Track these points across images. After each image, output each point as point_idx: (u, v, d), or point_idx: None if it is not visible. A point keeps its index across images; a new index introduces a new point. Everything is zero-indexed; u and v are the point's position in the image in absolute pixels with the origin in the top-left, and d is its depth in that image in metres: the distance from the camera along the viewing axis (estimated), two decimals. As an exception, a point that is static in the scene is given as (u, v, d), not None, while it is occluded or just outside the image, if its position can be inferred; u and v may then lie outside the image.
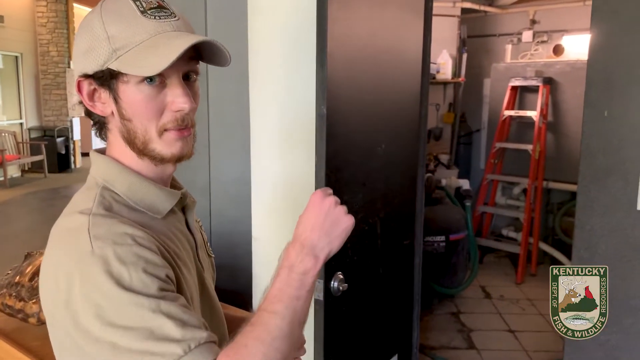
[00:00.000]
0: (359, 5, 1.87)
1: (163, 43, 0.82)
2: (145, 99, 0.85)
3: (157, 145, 0.88)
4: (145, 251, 0.79)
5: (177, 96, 0.86)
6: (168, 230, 0.91)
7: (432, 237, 4.30)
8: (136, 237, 0.80)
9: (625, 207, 1.81)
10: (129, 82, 0.84)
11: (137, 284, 0.76)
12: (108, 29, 0.84)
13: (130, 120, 0.87)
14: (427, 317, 4.24)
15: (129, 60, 0.82)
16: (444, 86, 6.19)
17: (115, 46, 0.83)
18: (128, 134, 0.88)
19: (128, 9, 0.84)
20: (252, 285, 2.15)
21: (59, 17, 10.53)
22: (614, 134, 1.82)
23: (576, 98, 5.00)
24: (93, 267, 0.76)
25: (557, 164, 5.33)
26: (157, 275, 0.78)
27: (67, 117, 10.91)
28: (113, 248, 0.77)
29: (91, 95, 0.89)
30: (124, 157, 0.91)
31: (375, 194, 2.04)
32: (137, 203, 0.89)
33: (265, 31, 1.98)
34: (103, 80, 0.86)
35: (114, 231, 0.79)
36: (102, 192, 0.88)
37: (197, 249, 1.00)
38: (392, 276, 2.24)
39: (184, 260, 0.91)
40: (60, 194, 8.47)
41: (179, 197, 0.95)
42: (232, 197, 2.35)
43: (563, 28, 6.02)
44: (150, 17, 0.84)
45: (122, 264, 0.76)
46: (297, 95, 1.94)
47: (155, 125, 0.87)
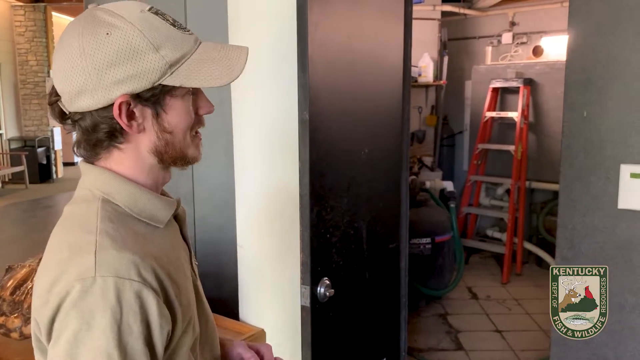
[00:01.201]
0: (340, 10, 1.87)
1: (218, 55, 0.87)
2: (188, 108, 0.89)
3: (190, 150, 0.92)
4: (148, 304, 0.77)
5: (204, 100, 0.92)
6: (168, 241, 0.91)
7: (417, 240, 4.31)
8: (141, 272, 0.78)
9: (607, 205, 1.83)
10: (178, 95, 0.86)
11: (131, 345, 0.75)
12: (154, 42, 0.82)
13: (172, 132, 0.88)
14: (414, 319, 4.25)
15: (186, 73, 0.84)
16: (426, 89, 6.23)
17: (168, 60, 0.83)
18: (165, 147, 0.88)
19: (156, 20, 0.84)
20: (238, 293, 2.13)
21: (37, 26, 10.42)
22: (594, 134, 1.84)
23: (556, 98, 5.07)
24: (90, 295, 0.74)
25: (539, 164, 5.39)
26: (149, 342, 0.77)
27: (48, 127, 10.79)
28: (115, 281, 0.75)
29: (131, 115, 0.85)
30: (124, 168, 0.89)
31: (360, 198, 2.04)
32: (139, 214, 0.88)
33: (245, 37, 1.98)
34: (152, 98, 0.84)
35: (121, 259, 0.78)
36: (104, 205, 0.85)
37: (191, 257, 1.00)
38: (378, 280, 2.24)
39: (183, 272, 0.90)
40: (42, 205, 8.36)
41: (175, 205, 0.95)
42: (216, 204, 2.33)
43: (542, 29, 6.10)
44: (179, 29, 0.86)
45: (118, 302, 0.74)
46: (279, 101, 1.93)
47: (189, 132, 0.91)
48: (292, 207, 1.84)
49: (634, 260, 1.80)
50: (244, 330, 2.02)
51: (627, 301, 1.82)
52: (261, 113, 2.00)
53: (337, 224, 1.89)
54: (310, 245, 1.72)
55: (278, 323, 2.05)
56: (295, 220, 1.78)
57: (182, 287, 0.86)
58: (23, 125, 10.77)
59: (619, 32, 1.77)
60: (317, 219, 1.78)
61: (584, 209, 1.88)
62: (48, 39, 10.53)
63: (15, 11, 10.36)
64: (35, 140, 10.47)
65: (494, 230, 5.76)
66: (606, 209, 1.83)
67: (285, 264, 1.99)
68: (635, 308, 1.80)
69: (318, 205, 1.78)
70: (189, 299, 0.88)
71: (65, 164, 11.80)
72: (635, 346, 1.81)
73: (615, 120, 1.80)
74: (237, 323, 2.08)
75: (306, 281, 1.72)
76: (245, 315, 2.11)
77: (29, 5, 10.31)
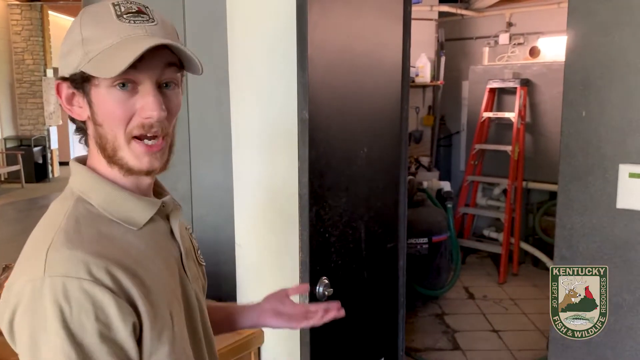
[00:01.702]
0: (339, 10, 1.87)
1: (129, 46, 0.80)
2: (115, 103, 0.83)
3: (125, 154, 0.86)
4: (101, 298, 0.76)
5: (146, 102, 0.84)
6: (143, 243, 0.87)
7: (414, 240, 4.32)
8: (92, 271, 0.76)
9: (605, 205, 1.83)
10: (99, 85, 0.83)
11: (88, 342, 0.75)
12: (83, 32, 0.84)
13: (101, 125, 0.85)
14: (411, 319, 4.25)
15: (96, 62, 0.81)
16: (423, 89, 6.24)
17: (87, 48, 0.83)
18: (100, 140, 0.87)
19: (106, 12, 0.84)
20: (237, 292, 2.13)
21: (33, 24, 10.38)
22: (593, 134, 1.84)
23: (553, 99, 5.08)
24: (41, 296, 0.75)
25: (536, 164, 5.40)
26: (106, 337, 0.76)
27: (44, 126, 10.76)
28: (63, 280, 0.75)
29: (70, 99, 0.88)
30: (102, 165, 0.89)
31: (359, 198, 2.04)
32: (113, 214, 0.87)
33: (244, 36, 1.97)
34: (77, 83, 0.85)
35: (71, 258, 0.77)
36: (76, 204, 0.86)
37: (182, 259, 0.96)
38: (376, 279, 2.24)
39: (160, 276, 0.87)
40: (38, 204, 8.33)
41: (158, 206, 0.92)
42: (214, 203, 2.33)
43: (539, 30, 6.11)
44: (125, 20, 0.83)
45: (66, 302, 0.74)
46: (278, 101, 1.93)
47: (123, 131, 0.84)
48: (290, 206, 1.84)
49: (632, 259, 1.80)
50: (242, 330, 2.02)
51: (625, 301, 1.82)
52: (260, 112, 1.99)
53: (335, 223, 1.89)
54: (309, 244, 1.72)
55: (276, 322, 2.04)
56: (294, 220, 1.78)
57: (153, 290, 0.83)
58: (19, 125, 10.74)
59: (618, 32, 1.77)
60: (316, 218, 1.78)
61: (582, 208, 1.88)
62: (44, 38, 10.49)
63: (12, 10, 10.33)
64: (31, 140, 10.43)
65: (490, 230, 5.77)
66: (604, 209, 1.83)
67: (283, 263, 1.99)
68: (633, 307, 1.81)
69: (317, 205, 1.78)
70: (161, 303, 0.84)
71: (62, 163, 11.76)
72: (633, 345, 1.81)
73: (614, 120, 1.80)
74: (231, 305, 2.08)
75: (305, 280, 1.72)
76: (243, 314, 2.10)
77: (26, 4, 10.27)
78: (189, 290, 0.95)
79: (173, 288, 0.89)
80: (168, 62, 0.85)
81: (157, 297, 0.83)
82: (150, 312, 0.81)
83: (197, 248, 1.11)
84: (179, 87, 0.91)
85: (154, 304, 0.82)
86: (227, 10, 2.03)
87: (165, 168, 0.90)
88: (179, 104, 0.91)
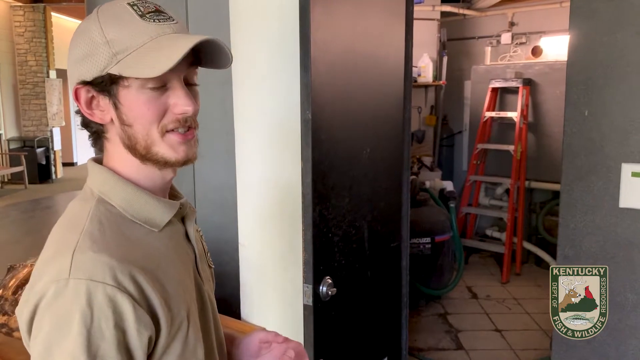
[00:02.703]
0: (342, 11, 1.88)
1: (167, 44, 0.81)
2: (148, 101, 0.83)
3: (160, 148, 0.86)
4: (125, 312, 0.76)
5: (179, 98, 0.85)
6: (163, 245, 0.88)
7: (417, 239, 4.32)
8: (117, 276, 0.76)
9: (608, 204, 1.83)
10: (130, 86, 0.83)
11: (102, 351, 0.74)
12: (107, 33, 0.82)
13: (131, 125, 0.85)
14: (414, 318, 4.25)
15: (130, 63, 0.81)
16: (425, 89, 6.23)
17: (115, 50, 0.81)
18: (129, 140, 0.86)
19: (126, 13, 0.83)
20: (240, 292, 2.13)
21: (36, 26, 10.41)
22: (595, 133, 1.85)
23: (555, 98, 5.08)
24: (63, 298, 0.75)
25: (539, 164, 5.40)
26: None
27: (47, 127, 10.79)
28: (87, 284, 0.74)
29: (89, 103, 0.86)
30: (123, 167, 0.89)
31: (362, 198, 2.04)
32: (134, 216, 0.87)
33: (247, 37, 1.98)
34: (103, 86, 0.84)
35: (97, 261, 0.77)
36: (98, 205, 0.86)
37: (196, 261, 0.96)
38: (380, 279, 2.25)
39: (179, 277, 0.88)
40: (42, 205, 8.34)
41: (177, 207, 0.92)
42: (217, 203, 2.34)
43: (541, 30, 6.10)
44: (150, 20, 0.83)
45: (89, 306, 0.74)
46: (282, 101, 1.94)
47: (156, 127, 0.85)
48: (294, 206, 1.84)
49: (635, 259, 1.80)
50: (245, 329, 2.03)
51: (628, 300, 1.83)
52: (263, 112, 2.00)
53: (339, 223, 1.90)
54: (312, 244, 1.72)
55: (280, 322, 2.05)
56: (297, 219, 1.79)
57: (172, 293, 0.83)
58: (22, 126, 10.77)
59: (619, 32, 1.77)
60: (319, 218, 1.78)
61: (585, 208, 1.89)
62: (47, 39, 10.51)
63: (15, 11, 10.36)
64: (35, 141, 10.47)
65: (493, 230, 5.77)
66: (607, 208, 1.84)
67: (287, 262, 1.99)
68: (636, 307, 1.81)
69: (320, 205, 1.78)
70: (179, 305, 0.84)
71: (65, 164, 11.80)
72: (637, 344, 1.81)
73: (617, 119, 1.80)
74: (239, 322, 2.09)
75: (309, 280, 1.73)
76: (247, 314, 2.11)
77: (29, 6, 10.30)
78: (203, 291, 0.96)
79: (190, 290, 0.90)
80: (191, 60, 0.86)
81: (175, 301, 0.84)
82: (169, 317, 0.81)
83: (207, 250, 1.11)
84: (197, 85, 0.93)
85: (173, 308, 0.82)
86: (229, 11, 2.03)
87: (196, 157, 0.91)
88: (199, 98, 0.93)
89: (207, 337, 0.94)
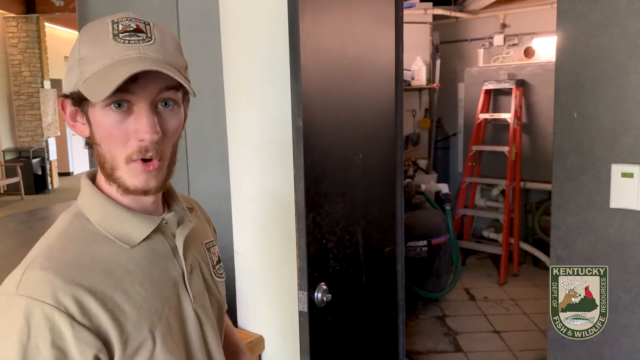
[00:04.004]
0: (331, 18, 1.89)
1: (116, 70, 0.79)
2: (110, 124, 0.82)
3: (122, 174, 0.85)
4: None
5: (140, 125, 0.82)
6: (133, 263, 0.87)
7: (414, 242, 4.32)
8: (57, 296, 0.76)
9: (599, 205, 1.85)
10: (95, 105, 0.83)
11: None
12: (81, 50, 0.84)
13: (99, 144, 0.85)
14: (412, 322, 4.26)
15: (89, 84, 0.81)
16: (419, 92, 6.26)
17: (82, 69, 0.82)
18: (99, 158, 0.87)
19: (104, 31, 0.83)
20: (236, 300, 2.14)
21: (30, 37, 10.41)
22: (585, 134, 1.86)
23: (548, 99, 5.09)
24: (6, 313, 0.76)
25: (533, 164, 5.42)
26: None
27: (43, 138, 10.77)
28: (26, 302, 0.75)
29: (73, 116, 0.88)
30: (105, 182, 0.89)
31: (355, 203, 2.05)
32: (108, 231, 0.87)
33: (238, 46, 1.99)
34: (76, 102, 0.85)
35: (41, 279, 0.77)
36: (73, 220, 0.88)
37: (184, 277, 0.93)
38: (375, 284, 2.26)
39: (145, 297, 0.85)
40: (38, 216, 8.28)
41: (157, 223, 0.91)
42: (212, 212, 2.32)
43: (533, 31, 6.14)
44: (120, 41, 0.82)
45: (26, 323, 0.74)
46: (273, 109, 1.95)
47: (122, 153, 0.84)
48: (287, 214, 1.85)
49: (626, 258, 1.81)
50: (242, 337, 2.03)
51: (621, 299, 1.84)
52: (255, 120, 2.01)
53: (332, 229, 1.91)
54: (306, 251, 1.73)
55: (276, 329, 2.06)
56: (292, 227, 1.79)
57: (130, 313, 0.82)
58: (17, 137, 10.75)
59: (606, 34, 1.79)
60: (313, 224, 1.79)
61: (576, 208, 1.90)
62: (41, 49, 10.52)
63: (8, 22, 10.35)
64: (30, 151, 10.45)
65: (490, 231, 5.78)
66: (598, 209, 1.85)
67: (282, 269, 2.00)
68: (629, 306, 1.82)
69: (313, 211, 1.79)
70: (140, 324, 0.83)
71: (61, 174, 11.78)
72: (631, 344, 1.82)
73: (606, 120, 1.82)
74: (236, 330, 2.09)
75: (303, 287, 1.73)
76: (243, 322, 2.12)
77: (22, 17, 10.31)
78: (187, 311, 0.93)
79: (161, 310, 0.87)
80: (166, 85, 0.84)
81: (135, 319, 0.83)
82: (122, 336, 0.80)
83: (215, 262, 1.09)
84: (179, 107, 0.89)
85: (129, 327, 0.82)
86: (220, 21, 2.05)
87: (163, 188, 0.90)
88: (177, 125, 0.89)
89: (189, 356, 0.92)
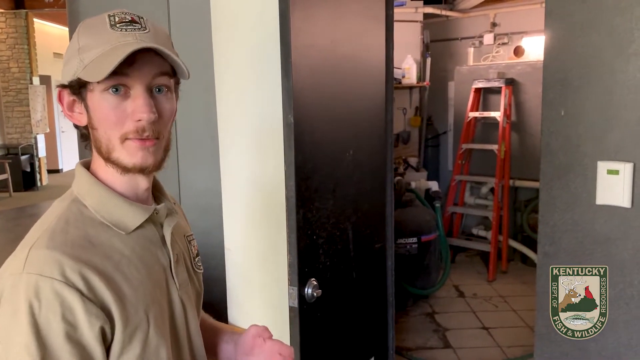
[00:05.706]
0: (322, 15, 1.90)
1: (116, 52, 0.84)
2: (108, 107, 0.88)
3: (119, 154, 0.90)
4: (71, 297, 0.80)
5: (137, 106, 0.88)
6: (128, 248, 0.91)
7: (404, 239, 4.35)
8: (65, 272, 0.80)
9: (585, 202, 1.87)
10: (94, 90, 0.88)
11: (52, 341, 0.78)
12: (80, 41, 0.89)
13: (97, 129, 0.90)
14: (402, 318, 4.28)
15: (89, 69, 0.86)
16: (409, 90, 6.28)
17: (82, 56, 0.88)
18: (96, 143, 0.92)
19: (101, 23, 0.89)
20: (227, 296, 2.15)
21: (19, 32, 10.31)
22: (572, 132, 1.88)
23: (538, 97, 5.09)
24: (17, 290, 0.79)
25: (522, 163, 5.46)
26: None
27: (31, 134, 10.69)
28: (36, 279, 0.79)
29: (71, 106, 0.93)
30: (100, 170, 0.94)
31: (346, 200, 2.06)
32: (104, 217, 0.91)
33: (229, 43, 2.00)
34: (75, 90, 0.90)
35: (48, 257, 0.81)
36: (71, 205, 0.91)
37: (171, 266, 0.98)
38: (365, 280, 2.27)
39: (140, 280, 0.90)
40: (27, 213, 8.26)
41: (150, 212, 0.95)
42: (202, 208, 2.35)
43: (522, 30, 6.18)
44: (117, 29, 0.88)
45: (37, 299, 0.78)
46: (264, 105, 1.96)
47: (117, 134, 0.89)
48: (278, 210, 1.86)
49: (612, 254, 1.84)
50: (233, 332, 2.04)
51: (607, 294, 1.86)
52: (246, 117, 2.02)
53: (323, 225, 1.92)
54: (297, 246, 1.74)
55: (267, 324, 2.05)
56: (282, 223, 1.80)
57: (129, 294, 0.86)
58: (6, 133, 10.66)
59: (593, 33, 1.82)
60: (304, 220, 1.80)
61: (563, 205, 1.93)
62: (30, 45, 10.42)
63: (-4, 18, 10.26)
64: (19, 148, 10.37)
65: (479, 228, 5.82)
66: (585, 205, 1.88)
67: (272, 265, 2.01)
68: (615, 301, 1.85)
69: (304, 208, 1.80)
70: (137, 306, 0.87)
71: (50, 171, 11.69)
72: (616, 338, 1.85)
73: (592, 118, 1.84)
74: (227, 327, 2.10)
75: (293, 282, 1.75)
76: (234, 317, 2.13)
77: (10, 12, 10.21)
78: (174, 297, 0.98)
79: (153, 293, 0.92)
80: (160, 70, 0.90)
81: (132, 301, 0.87)
82: (123, 315, 0.84)
83: (194, 255, 1.13)
84: (172, 93, 0.95)
85: (129, 307, 0.86)
86: (211, 17, 2.05)
87: (159, 167, 0.94)
88: (171, 109, 0.94)
89: (176, 343, 0.97)
